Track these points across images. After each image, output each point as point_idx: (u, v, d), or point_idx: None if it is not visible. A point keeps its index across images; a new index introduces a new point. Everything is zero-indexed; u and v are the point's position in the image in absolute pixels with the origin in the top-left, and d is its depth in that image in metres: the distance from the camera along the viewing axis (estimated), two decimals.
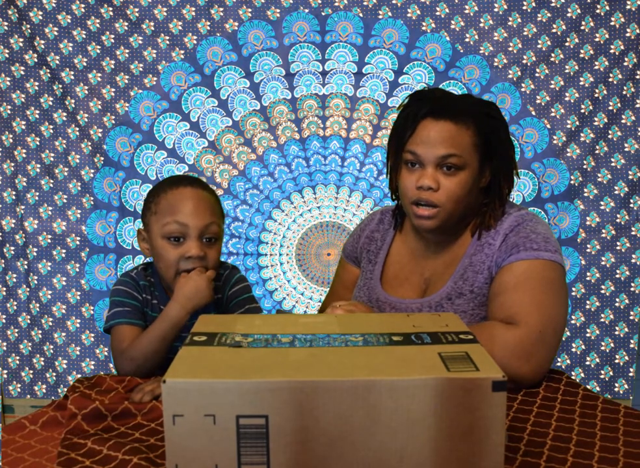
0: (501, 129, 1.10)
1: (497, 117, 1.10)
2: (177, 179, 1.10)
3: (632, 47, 1.99)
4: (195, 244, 1.04)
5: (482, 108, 1.09)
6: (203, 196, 1.07)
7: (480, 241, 1.10)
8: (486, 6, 2.01)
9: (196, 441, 0.58)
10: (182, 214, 1.04)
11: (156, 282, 1.13)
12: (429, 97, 1.09)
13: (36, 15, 2.01)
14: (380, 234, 1.25)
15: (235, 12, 2.04)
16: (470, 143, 1.06)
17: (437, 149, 1.04)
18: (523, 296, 0.98)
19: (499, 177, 1.11)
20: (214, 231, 1.06)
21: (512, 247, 1.03)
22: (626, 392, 2.12)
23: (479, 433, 0.59)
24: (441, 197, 1.05)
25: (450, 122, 1.05)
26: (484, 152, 1.08)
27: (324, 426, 0.58)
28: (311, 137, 2.11)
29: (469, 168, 1.06)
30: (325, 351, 0.66)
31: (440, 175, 1.05)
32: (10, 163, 2.10)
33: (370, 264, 1.23)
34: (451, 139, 1.04)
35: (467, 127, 1.06)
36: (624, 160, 2.05)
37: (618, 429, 0.81)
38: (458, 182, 1.05)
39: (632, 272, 2.08)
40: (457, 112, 1.06)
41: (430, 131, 1.05)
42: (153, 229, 1.06)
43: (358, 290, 1.23)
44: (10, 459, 0.76)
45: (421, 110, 1.06)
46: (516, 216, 1.08)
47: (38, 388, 2.17)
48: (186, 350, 0.66)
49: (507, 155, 1.11)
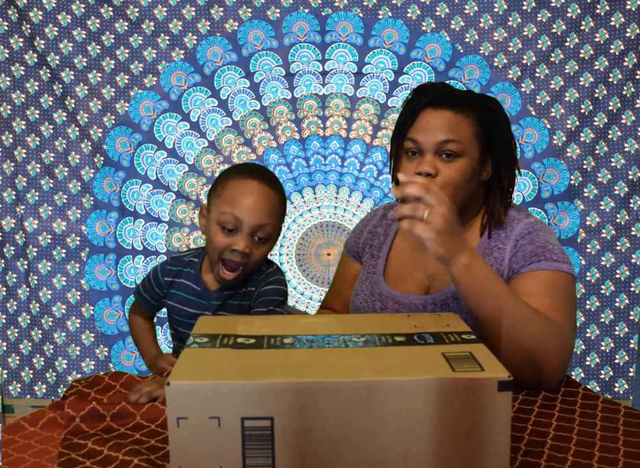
0: (502, 122, 1.11)
1: (497, 110, 1.11)
2: (249, 169, 1.09)
3: (632, 47, 1.99)
4: (244, 240, 1.04)
5: (483, 102, 1.11)
6: (267, 194, 1.06)
7: (489, 245, 1.10)
8: (486, 6, 2.01)
9: (201, 443, 0.58)
10: (240, 208, 1.04)
11: (199, 262, 1.16)
12: (430, 89, 1.11)
13: (36, 15, 2.01)
14: (382, 229, 1.25)
15: (235, 12, 2.04)
16: (470, 132, 1.07)
17: (436, 136, 1.05)
18: (550, 301, 0.99)
19: (499, 169, 1.11)
20: (267, 232, 1.06)
21: (531, 256, 1.04)
22: (626, 392, 2.12)
23: (484, 433, 0.59)
24: (438, 182, 1.05)
25: (450, 111, 1.06)
26: (484, 143, 1.09)
27: (329, 427, 0.58)
28: (311, 137, 2.11)
29: (468, 155, 1.06)
30: (327, 352, 0.66)
31: (438, 162, 1.06)
32: (10, 163, 2.09)
33: (373, 258, 1.23)
34: (450, 126, 1.05)
35: (467, 116, 1.07)
36: (624, 160, 2.05)
37: (618, 429, 0.81)
38: (457, 169, 1.06)
39: (632, 272, 2.08)
40: (457, 102, 1.07)
41: (430, 119, 1.06)
42: (212, 211, 1.08)
43: (360, 283, 1.22)
44: (11, 459, 0.76)
45: (421, 101, 1.08)
46: (527, 224, 1.09)
47: (38, 388, 2.17)
48: (189, 351, 0.66)
49: (508, 149, 1.12)
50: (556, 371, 0.94)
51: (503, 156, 1.11)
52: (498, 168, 1.11)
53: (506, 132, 1.12)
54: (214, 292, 1.13)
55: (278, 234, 1.11)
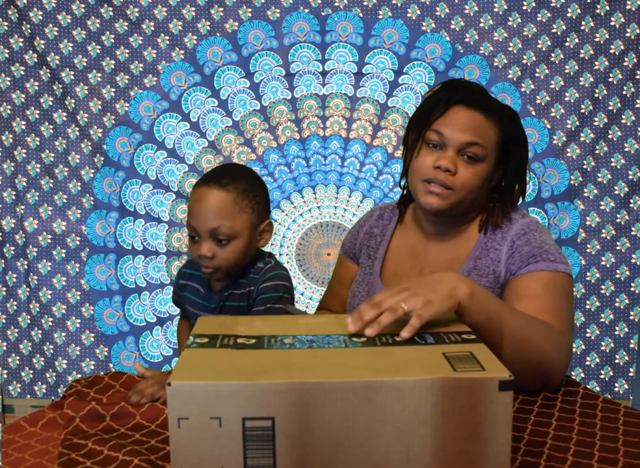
0: (522, 137, 1.12)
1: (519, 124, 1.12)
2: (205, 176, 1.11)
3: (632, 47, 1.99)
4: (205, 245, 1.06)
5: (509, 112, 1.11)
6: (215, 197, 1.06)
7: (486, 245, 1.10)
8: (486, 6, 2.01)
9: (202, 443, 0.58)
10: (193, 217, 1.07)
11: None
12: (465, 86, 1.11)
13: (36, 15, 2.01)
14: (379, 229, 1.25)
15: (235, 12, 2.04)
16: (494, 140, 1.07)
17: (464, 134, 1.05)
18: (549, 303, 0.99)
19: (513, 180, 1.12)
20: (224, 233, 1.06)
21: (528, 257, 1.04)
22: (626, 392, 2.12)
23: (486, 433, 0.59)
24: (456, 182, 1.05)
25: (482, 113, 1.06)
26: (501, 153, 1.09)
27: (330, 427, 0.58)
28: (311, 137, 2.11)
29: (487, 162, 1.07)
30: (328, 352, 0.66)
31: (459, 162, 1.06)
32: (10, 163, 2.09)
33: (369, 259, 1.23)
34: (479, 129, 1.05)
35: (495, 124, 1.07)
36: (624, 160, 2.05)
37: (618, 429, 0.81)
38: (476, 173, 1.06)
39: (632, 272, 2.08)
40: (489, 107, 1.07)
41: (461, 116, 1.06)
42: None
43: (357, 285, 1.22)
44: (11, 459, 0.76)
45: (454, 96, 1.07)
46: (522, 224, 1.09)
47: (38, 388, 2.17)
48: (189, 352, 0.66)
49: (524, 162, 1.13)
50: (560, 374, 0.95)
51: (518, 169, 1.12)
52: (510, 178, 1.12)
53: (525, 146, 1.12)
54: (216, 293, 1.14)
55: (243, 231, 1.08)
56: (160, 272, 2.14)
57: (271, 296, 1.11)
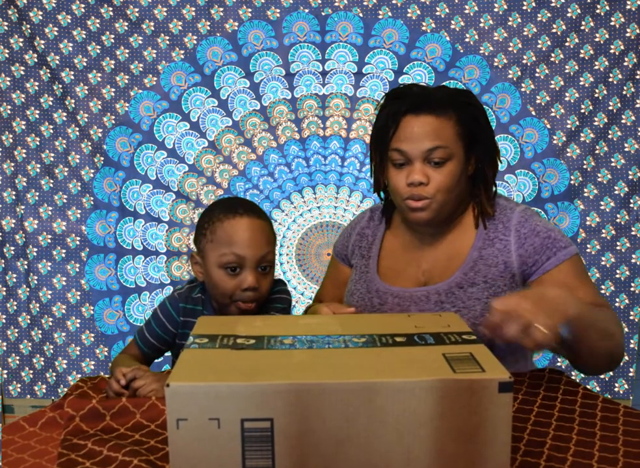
0: (481, 116, 1.11)
1: (475, 104, 1.11)
2: (232, 206, 1.09)
3: (632, 47, 1.99)
4: (251, 275, 1.05)
5: (461, 97, 1.10)
6: (259, 226, 1.07)
7: (488, 236, 1.11)
8: (486, 6, 2.01)
9: (201, 444, 0.58)
10: (239, 246, 1.04)
11: (207, 299, 1.15)
12: (407, 94, 1.10)
13: (36, 15, 2.01)
14: (370, 230, 1.26)
15: (235, 12, 2.04)
16: (454, 133, 1.07)
17: (422, 144, 1.05)
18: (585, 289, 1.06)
19: (483, 163, 1.12)
20: (270, 260, 1.08)
21: (543, 249, 1.07)
22: (626, 392, 2.12)
23: (485, 434, 0.59)
24: (431, 189, 1.06)
25: (431, 115, 1.06)
26: (467, 140, 1.09)
27: (330, 429, 0.58)
28: (311, 137, 2.11)
29: (455, 158, 1.07)
30: (327, 352, 0.66)
31: (428, 169, 1.06)
32: (10, 163, 2.09)
33: (364, 259, 1.23)
34: (434, 132, 1.05)
35: (449, 117, 1.07)
36: (624, 160, 2.05)
37: (618, 429, 0.81)
38: (447, 174, 1.06)
39: (632, 272, 2.08)
40: (437, 104, 1.06)
41: (413, 127, 1.06)
42: (208, 257, 1.08)
43: (354, 283, 1.22)
44: (11, 460, 0.76)
45: (400, 108, 1.07)
46: (520, 212, 1.11)
47: (38, 388, 2.17)
48: (189, 352, 0.66)
49: (489, 141, 1.13)
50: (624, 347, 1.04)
51: (486, 149, 1.12)
52: (481, 161, 1.12)
53: (487, 124, 1.12)
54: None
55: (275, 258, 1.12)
56: (161, 272, 2.14)
57: (276, 307, 1.14)
